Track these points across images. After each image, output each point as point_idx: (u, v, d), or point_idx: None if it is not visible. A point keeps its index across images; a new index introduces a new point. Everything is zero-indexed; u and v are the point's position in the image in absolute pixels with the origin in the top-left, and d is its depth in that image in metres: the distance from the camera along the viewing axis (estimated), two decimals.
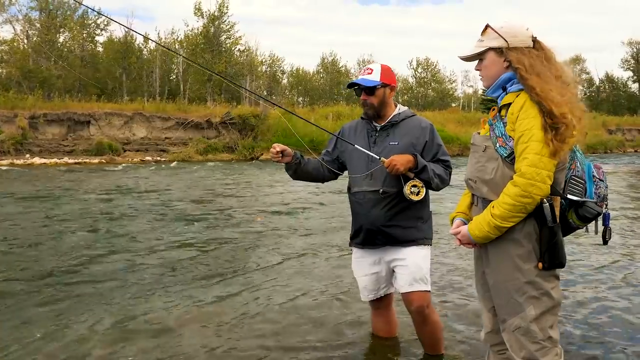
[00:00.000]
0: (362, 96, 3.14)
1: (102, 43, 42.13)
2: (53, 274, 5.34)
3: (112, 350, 3.49)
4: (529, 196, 2.13)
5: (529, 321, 2.23)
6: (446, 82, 59.01)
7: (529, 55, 2.24)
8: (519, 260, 2.24)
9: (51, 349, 3.51)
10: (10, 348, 3.50)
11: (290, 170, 3.24)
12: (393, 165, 2.93)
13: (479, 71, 2.41)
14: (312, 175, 3.32)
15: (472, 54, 2.38)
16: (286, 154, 3.13)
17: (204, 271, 5.52)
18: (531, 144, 2.14)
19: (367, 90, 3.12)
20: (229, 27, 42.36)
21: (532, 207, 2.16)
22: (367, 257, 3.24)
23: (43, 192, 12.84)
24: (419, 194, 2.97)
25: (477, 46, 2.36)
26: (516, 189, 2.15)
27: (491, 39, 2.31)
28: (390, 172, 2.96)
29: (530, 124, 2.15)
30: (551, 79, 2.21)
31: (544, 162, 2.13)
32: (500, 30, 2.29)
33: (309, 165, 3.27)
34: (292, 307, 4.39)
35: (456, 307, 4.38)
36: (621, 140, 43.06)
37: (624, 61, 59.97)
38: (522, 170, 2.15)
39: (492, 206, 2.23)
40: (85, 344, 3.59)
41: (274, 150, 3.11)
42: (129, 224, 8.38)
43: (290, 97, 52.59)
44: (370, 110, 3.16)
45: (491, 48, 2.31)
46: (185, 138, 29.12)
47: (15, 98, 28.08)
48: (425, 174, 2.99)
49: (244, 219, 8.96)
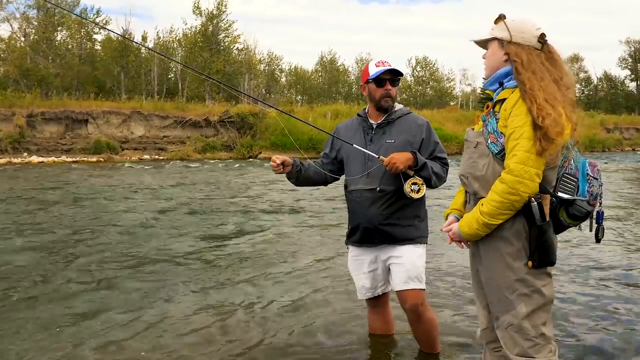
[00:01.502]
0: (386, 86, 3.11)
1: (101, 41, 42.07)
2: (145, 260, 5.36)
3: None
4: (516, 193, 2.13)
5: (521, 318, 2.24)
6: (444, 80, 59.03)
7: (529, 52, 2.25)
8: (509, 258, 2.25)
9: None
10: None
11: (292, 179, 3.26)
12: (393, 163, 2.93)
13: (483, 58, 2.42)
14: (313, 180, 3.33)
15: (480, 39, 2.40)
16: (286, 164, 3.15)
17: (196, 267, 5.53)
18: (521, 141, 2.14)
19: (394, 81, 3.14)
20: (227, 25, 42.32)
21: (520, 205, 2.16)
22: (364, 255, 3.25)
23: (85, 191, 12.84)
24: (419, 192, 2.97)
25: (488, 33, 2.37)
26: (503, 185, 2.15)
27: (500, 29, 2.32)
28: (390, 171, 2.96)
29: (522, 121, 2.15)
30: (548, 81, 2.21)
31: (532, 160, 2.13)
32: (509, 23, 2.30)
33: (309, 171, 3.28)
34: (288, 306, 4.39)
35: (452, 305, 4.39)
36: (619, 139, 43.09)
37: (621, 60, 60.09)
38: (510, 167, 2.15)
39: (481, 203, 2.24)
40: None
41: (274, 163, 3.12)
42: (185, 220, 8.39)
43: (289, 96, 52.53)
44: (389, 102, 3.13)
45: (496, 38, 2.32)
46: (184, 136, 29.08)
47: (13, 96, 27.97)
48: (425, 171, 2.99)
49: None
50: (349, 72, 57.62)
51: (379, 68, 3.12)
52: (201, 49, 40.54)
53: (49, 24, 37.46)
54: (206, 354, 3.43)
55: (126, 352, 3.47)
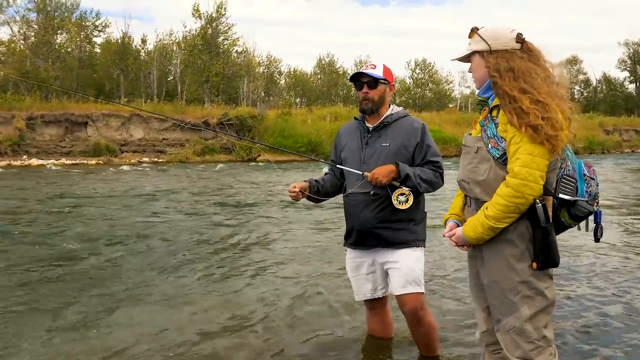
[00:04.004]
0: (364, 89, 3.13)
1: (100, 44, 42.06)
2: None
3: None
4: (521, 196, 2.15)
5: (524, 321, 2.24)
6: (443, 82, 59.05)
7: (510, 57, 2.25)
8: (513, 260, 2.25)
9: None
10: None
11: (313, 200, 3.30)
12: (375, 178, 2.97)
13: (470, 72, 2.44)
14: (331, 193, 3.36)
15: (460, 56, 2.42)
16: (304, 189, 3.18)
17: (200, 262, 5.53)
18: (523, 145, 2.16)
19: (371, 83, 3.12)
20: (226, 28, 42.38)
21: (525, 208, 2.18)
22: (361, 258, 3.26)
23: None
24: (407, 202, 2.98)
25: (465, 49, 2.40)
26: (509, 189, 2.16)
27: (476, 42, 2.34)
28: (375, 185, 2.99)
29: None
30: (540, 79, 2.22)
31: (536, 163, 2.14)
32: (483, 34, 2.32)
33: (326, 186, 3.32)
34: (287, 307, 4.40)
35: (451, 308, 4.39)
36: (618, 141, 43.10)
37: (620, 62, 60.15)
38: (515, 170, 2.16)
39: (486, 207, 2.24)
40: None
41: (292, 193, 3.13)
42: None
43: (288, 98, 52.54)
44: (369, 105, 3.14)
45: (476, 51, 2.34)
46: (183, 139, 29.07)
47: (12, 99, 28.02)
48: (410, 181, 2.99)
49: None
50: (348, 74, 57.51)
51: (360, 70, 3.16)
52: (200, 52, 40.58)
53: (49, 27, 37.48)
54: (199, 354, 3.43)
55: (127, 353, 3.47)
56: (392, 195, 2.98)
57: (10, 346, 3.59)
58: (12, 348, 3.56)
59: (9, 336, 3.77)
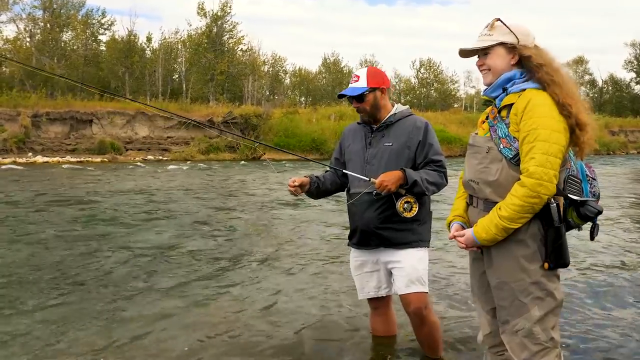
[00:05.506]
0: (354, 104, 3.18)
1: (105, 42, 42.19)
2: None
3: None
4: (537, 196, 2.12)
5: (533, 322, 2.22)
6: (448, 82, 58.94)
7: (540, 55, 2.25)
8: (524, 261, 2.22)
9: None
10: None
11: (312, 196, 3.33)
12: (384, 186, 2.92)
13: (480, 66, 2.35)
14: (331, 191, 3.38)
15: (479, 46, 2.32)
16: (304, 184, 3.19)
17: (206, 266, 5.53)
18: (537, 144, 2.13)
19: (357, 98, 3.13)
20: (231, 27, 42.43)
21: (539, 207, 2.15)
22: (364, 257, 3.25)
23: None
24: (412, 210, 2.96)
25: (484, 40, 2.30)
26: (524, 189, 2.13)
27: (502, 33, 2.27)
28: (382, 192, 2.95)
29: (535, 123, 2.14)
30: (567, 76, 2.24)
31: (551, 162, 2.12)
32: (513, 27, 2.27)
33: (326, 183, 3.32)
34: (290, 305, 4.39)
35: (455, 308, 4.37)
36: (624, 142, 42.94)
37: (627, 62, 59.88)
38: (530, 170, 2.13)
39: (499, 208, 2.20)
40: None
41: (292, 187, 3.14)
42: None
43: (293, 97, 52.57)
44: (364, 116, 3.19)
45: (502, 43, 2.28)
46: (187, 137, 29.13)
47: (18, 96, 28.12)
48: (418, 187, 2.96)
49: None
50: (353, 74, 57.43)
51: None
52: (205, 50, 40.65)
53: (55, 25, 37.62)
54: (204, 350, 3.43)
55: (128, 353, 3.47)
56: (397, 202, 2.96)
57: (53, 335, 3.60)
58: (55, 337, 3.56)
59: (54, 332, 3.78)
